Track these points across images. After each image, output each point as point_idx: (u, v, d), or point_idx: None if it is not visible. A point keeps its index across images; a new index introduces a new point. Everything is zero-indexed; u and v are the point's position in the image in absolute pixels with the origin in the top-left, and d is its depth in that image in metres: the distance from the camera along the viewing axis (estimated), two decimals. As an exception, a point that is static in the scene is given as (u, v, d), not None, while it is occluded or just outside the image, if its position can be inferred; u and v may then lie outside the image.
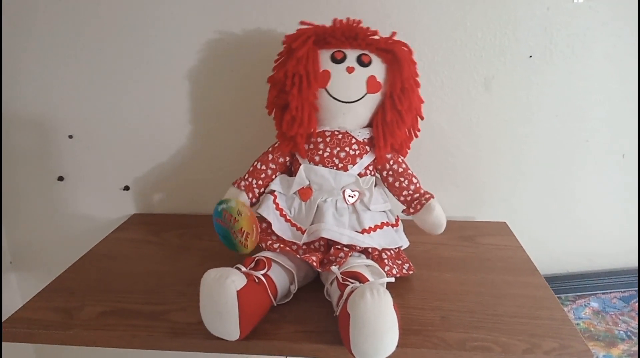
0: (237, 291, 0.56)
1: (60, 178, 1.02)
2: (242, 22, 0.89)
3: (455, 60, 0.88)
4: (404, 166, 0.76)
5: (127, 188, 1.02)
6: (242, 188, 0.76)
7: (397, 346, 0.54)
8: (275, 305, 0.64)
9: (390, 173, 0.76)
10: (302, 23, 0.74)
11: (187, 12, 0.89)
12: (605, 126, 0.91)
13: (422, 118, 0.76)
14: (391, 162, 0.75)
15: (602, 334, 0.97)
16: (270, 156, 0.77)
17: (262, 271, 0.63)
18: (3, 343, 0.64)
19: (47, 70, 0.94)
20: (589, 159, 0.93)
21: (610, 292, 0.98)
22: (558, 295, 0.98)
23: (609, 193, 0.95)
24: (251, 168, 0.77)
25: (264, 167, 0.77)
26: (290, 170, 0.79)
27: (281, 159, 0.77)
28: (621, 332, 0.97)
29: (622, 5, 0.83)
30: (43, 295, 0.72)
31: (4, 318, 0.66)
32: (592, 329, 0.98)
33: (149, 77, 0.94)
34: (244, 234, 0.67)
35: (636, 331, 0.96)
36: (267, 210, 0.72)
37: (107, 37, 0.91)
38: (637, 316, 0.97)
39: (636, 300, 0.97)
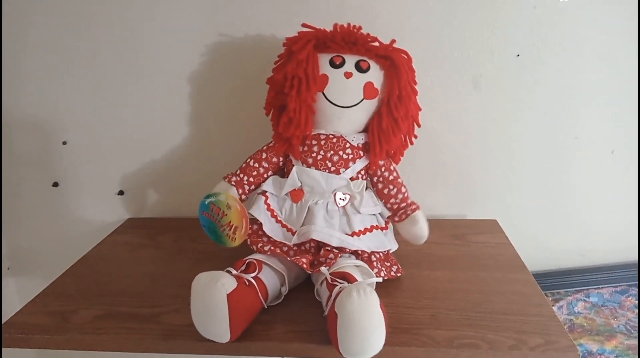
0: (227, 294, 0.57)
1: (55, 184, 1.03)
2: (236, 26, 0.89)
3: (444, 60, 0.89)
4: (394, 174, 0.77)
5: (121, 193, 1.03)
6: (233, 183, 0.76)
7: (386, 344, 0.55)
8: (266, 307, 0.65)
9: (381, 179, 0.76)
10: (303, 26, 0.75)
11: (181, 18, 0.89)
12: (594, 122, 0.91)
13: (419, 126, 0.77)
14: (383, 169, 0.76)
15: (602, 328, 0.97)
16: (264, 155, 0.78)
17: (253, 274, 0.63)
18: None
19: (40, 76, 0.95)
20: (578, 156, 0.94)
21: (603, 287, 0.99)
22: (550, 291, 0.99)
23: (598, 189, 0.96)
24: (244, 164, 0.78)
25: (256, 165, 0.77)
26: (282, 171, 0.79)
27: (274, 159, 0.78)
28: (620, 325, 0.98)
29: (610, 2, 0.84)
30: (39, 299, 0.73)
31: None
32: (585, 324, 0.98)
33: (143, 82, 0.94)
34: (232, 227, 0.67)
35: (634, 324, 0.97)
36: (259, 211, 0.73)
37: (100, 42, 0.92)
38: (633, 310, 0.97)
39: (628, 294, 0.98)
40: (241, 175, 0.77)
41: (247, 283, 0.62)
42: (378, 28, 0.75)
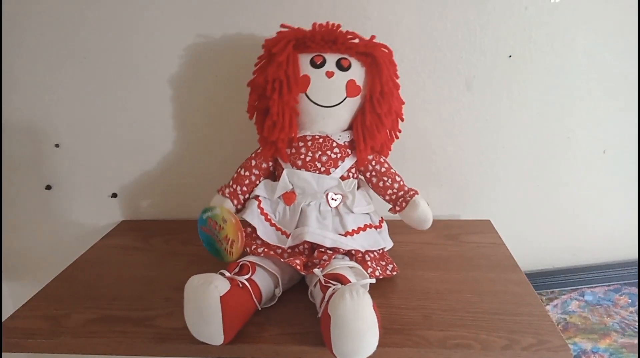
0: (221, 296, 0.57)
1: (48, 187, 1.03)
2: (224, 27, 0.89)
3: (436, 60, 0.89)
4: (386, 165, 0.77)
5: (114, 195, 1.03)
6: (227, 195, 0.76)
7: (379, 345, 0.55)
8: (259, 308, 0.65)
9: (374, 173, 0.76)
10: (282, 26, 0.75)
11: (173, 20, 0.89)
12: (586, 122, 0.92)
13: (402, 120, 0.77)
14: (373, 163, 0.76)
15: (596, 327, 0.98)
16: (254, 162, 0.78)
17: (246, 276, 0.63)
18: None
19: (32, 79, 0.95)
20: (570, 156, 0.94)
21: (597, 286, 0.99)
22: (545, 290, 1.00)
23: (591, 188, 0.96)
24: (235, 175, 0.78)
25: (247, 173, 0.77)
26: (274, 175, 0.79)
27: (264, 165, 0.78)
28: (614, 323, 0.98)
29: (601, 2, 0.84)
30: (31, 303, 0.72)
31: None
32: (579, 323, 0.99)
33: (134, 85, 0.94)
34: (230, 241, 0.68)
35: (628, 322, 0.97)
36: (252, 215, 0.73)
37: (93, 45, 0.92)
38: (627, 308, 0.98)
39: (622, 293, 0.99)
40: (234, 186, 0.77)
41: (241, 285, 0.62)
42: (370, 30, 0.75)
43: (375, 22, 0.86)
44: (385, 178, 0.76)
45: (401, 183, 0.76)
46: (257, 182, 0.77)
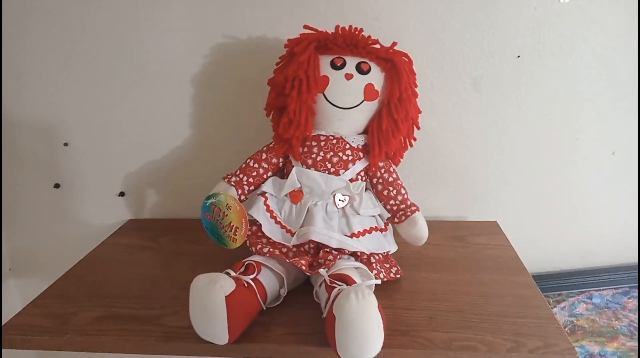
0: (226, 296, 0.57)
1: (57, 185, 1.03)
2: (237, 28, 0.89)
3: (444, 61, 0.89)
4: (394, 175, 0.77)
5: (122, 194, 1.03)
6: (233, 183, 0.76)
7: (384, 347, 0.55)
8: (264, 308, 0.65)
9: (381, 181, 0.76)
10: (305, 27, 0.75)
11: (183, 19, 0.89)
12: (594, 124, 0.91)
13: (418, 128, 0.77)
14: (382, 170, 0.76)
15: (604, 330, 0.97)
16: (264, 156, 0.78)
17: (252, 276, 0.63)
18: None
19: (41, 78, 0.95)
20: (579, 157, 0.93)
21: (605, 289, 0.99)
22: (552, 293, 0.99)
23: (599, 190, 0.95)
24: (243, 165, 0.78)
25: (256, 165, 0.78)
26: (282, 171, 0.79)
27: (274, 160, 0.78)
28: (622, 327, 0.97)
29: (610, 3, 0.83)
30: (39, 301, 0.73)
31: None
32: (587, 325, 0.98)
33: (144, 84, 0.94)
34: (233, 228, 0.68)
35: (637, 326, 0.97)
36: (258, 211, 0.73)
37: (102, 44, 0.92)
38: (635, 311, 0.97)
39: (630, 296, 0.98)
40: (241, 175, 0.77)
41: (246, 285, 0.62)
42: (378, 30, 0.76)
43: (384, 23, 0.86)
44: (391, 188, 0.76)
45: (405, 196, 0.76)
46: (265, 176, 0.78)
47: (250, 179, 0.77)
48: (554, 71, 0.88)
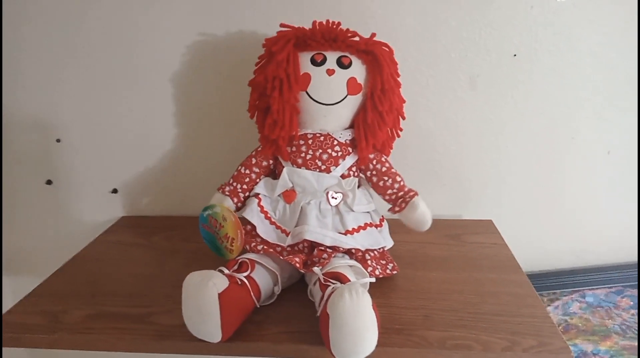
0: (219, 293, 0.56)
1: (49, 182, 1.02)
2: (226, 25, 0.89)
3: (440, 59, 0.88)
4: (387, 165, 0.76)
5: (115, 191, 1.02)
6: (227, 193, 0.76)
7: (378, 345, 0.54)
8: (258, 306, 0.64)
9: (374, 172, 0.76)
10: (282, 25, 0.74)
11: (172, 16, 0.89)
12: (590, 123, 0.91)
13: (403, 118, 0.77)
14: (374, 162, 0.76)
15: (597, 328, 0.97)
16: (254, 160, 0.77)
17: (245, 273, 0.63)
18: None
19: (34, 75, 0.95)
20: (574, 156, 0.93)
21: (598, 288, 0.99)
22: (546, 291, 0.99)
23: (595, 189, 0.95)
24: (235, 173, 0.78)
25: (247, 171, 0.77)
26: (274, 173, 0.79)
27: (264, 163, 0.77)
28: (615, 326, 0.98)
29: (607, 3, 0.83)
30: (30, 299, 0.72)
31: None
32: (580, 324, 0.98)
33: (136, 81, 0.94)
34: (229, 239, 0.68)
35: (630, 324, 0.97)
36: (252, 213, 0.73)
37: (95, 42, 0.92)
38: (628, 310, 0.97)
39: (624, 295, 0.98)
40: (234, 184, 0.77)
41: (239, 283, 0.61)
42: (374, 29, 0.75)
43: (379, 21, 0.86)
44: (386, 178, 0.75)
45: (401, 183, 0.76)
46: (258, 180, 0.77)
47: (244, 186, 0.77)
48: (550, 70, 0.88)
